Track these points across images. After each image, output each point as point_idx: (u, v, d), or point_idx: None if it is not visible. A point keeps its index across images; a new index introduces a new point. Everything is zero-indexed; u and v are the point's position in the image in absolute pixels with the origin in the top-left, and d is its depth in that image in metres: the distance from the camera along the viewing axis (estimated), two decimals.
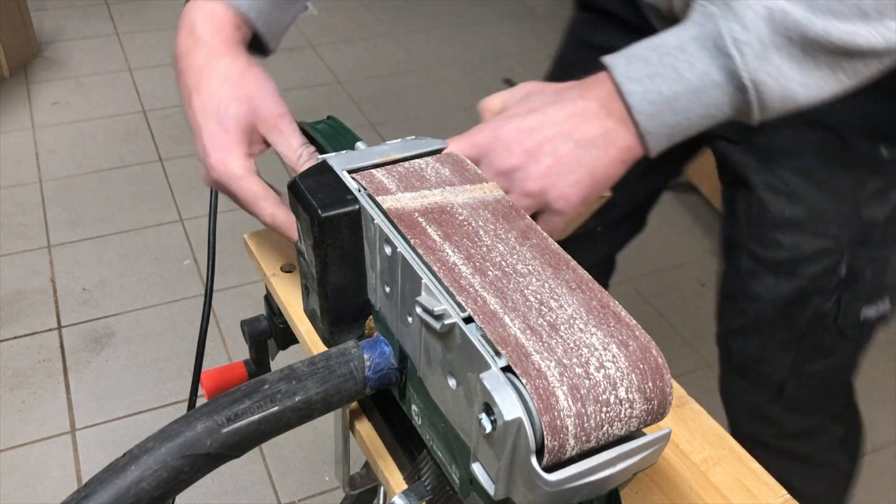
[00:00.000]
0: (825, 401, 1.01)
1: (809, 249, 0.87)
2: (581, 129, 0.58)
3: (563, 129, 0.57)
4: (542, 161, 0.57)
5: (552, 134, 0.57)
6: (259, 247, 0.80)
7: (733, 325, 0.98)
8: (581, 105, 0.58)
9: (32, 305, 1.91)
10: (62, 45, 2.97)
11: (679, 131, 0.58)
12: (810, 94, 0.58)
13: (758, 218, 0.89)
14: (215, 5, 0.66)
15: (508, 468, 0.39)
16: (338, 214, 0.50)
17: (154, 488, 0.42)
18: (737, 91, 0.56)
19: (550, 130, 0.58)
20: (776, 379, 0.97)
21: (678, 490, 0.60)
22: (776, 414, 1.01)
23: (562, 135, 0.57)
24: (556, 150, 0.57)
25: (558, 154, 0.57)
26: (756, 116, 0.58)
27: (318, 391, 0.47)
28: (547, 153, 0.57)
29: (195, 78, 0.64)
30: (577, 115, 0.58)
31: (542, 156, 0.57)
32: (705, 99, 0.57)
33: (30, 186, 2.28)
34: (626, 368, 0.40)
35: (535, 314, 0.42)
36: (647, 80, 0.57)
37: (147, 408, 1.69)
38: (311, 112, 2.61)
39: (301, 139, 0.64)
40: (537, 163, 0.57)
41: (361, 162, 0.55)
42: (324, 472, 1.59)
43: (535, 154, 0.57)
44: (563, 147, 0.57)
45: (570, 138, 0.57)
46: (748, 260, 0.92)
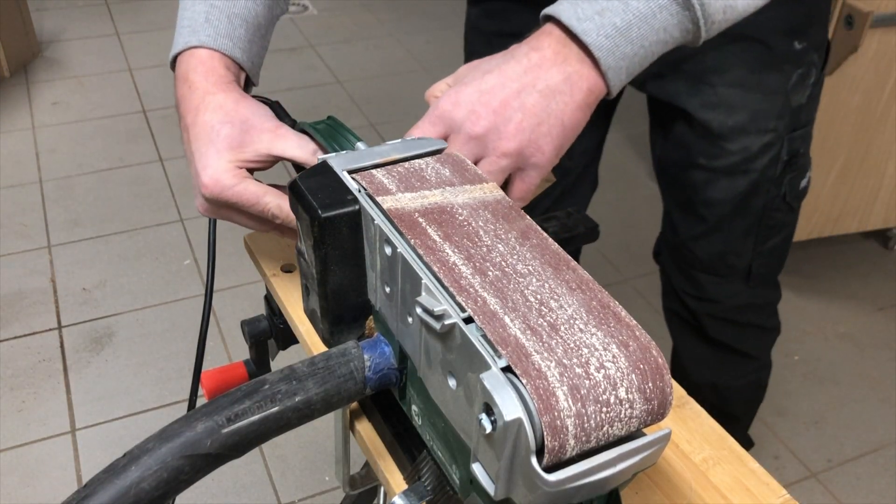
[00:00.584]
0: (781, 268, 1.19)
1: (756, 146, 1.00)
2: (543, 79, 0.57)
3: (525, 81, 0.57)
4: (512, 118, 0.56)
5: (515, 88, 0.57)
6: (259, 247, 0.80)
7: (695, 231, 1.12)
8: (536, 56, 0.57)
9: (32, 305, 1.91)
10: (62, 45, 2.97)
11: (636, 62, 0.59)
12: (748, 1, 0.60)
13: (703, 135, 1.01)
14: (202, 52, 0.67)
15: (508, 468, 0.39)
16: (338, 215, 0.50)
17: (154, 489, 0.42)
18: (683, 10, 0.58)
19: (512, 85, 0.57)
20: (741, 266, 1.13)
21: (678, 490, 0.60)
22: (742, 293, 1.17)
23: (525, 88, 0.57)
24: (523, 104, 0.56)
25: (526, 107, 0.56)
26: (703, 34, 0.59)
27: (319, 391, 0.47)
28: (515, 109, 0.56)
29: (191, 116, 0.64)
30: (535, 66, 0.57)
31: (511, 112, 0.56)
32: (655, 23, 0.58)
33: (30, 186, 2.28)
34: (626, 369, 0.40)
35: (536, 314, 0.42)
36: (597, 17, 0.57)
37: (147, 408, 1.69)
38: (311, 112, 2.61)
39: (309, 140, 0.64)
40: (507, 120, 0.56)
41: (361, 162, 0.55)
42: (324, 472, 1.59)
43: (503, 112, 0.56)
44: (529, 99, 0.56)
45: (534, 89, 0.56)
46: (701, 172, 1.04)
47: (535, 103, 0.57)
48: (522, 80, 0.57)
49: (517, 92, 0.56)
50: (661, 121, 1.08)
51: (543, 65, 0.57)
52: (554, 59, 0.57)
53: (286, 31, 3.18)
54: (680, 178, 1.09)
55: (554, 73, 0.57)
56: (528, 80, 0.57)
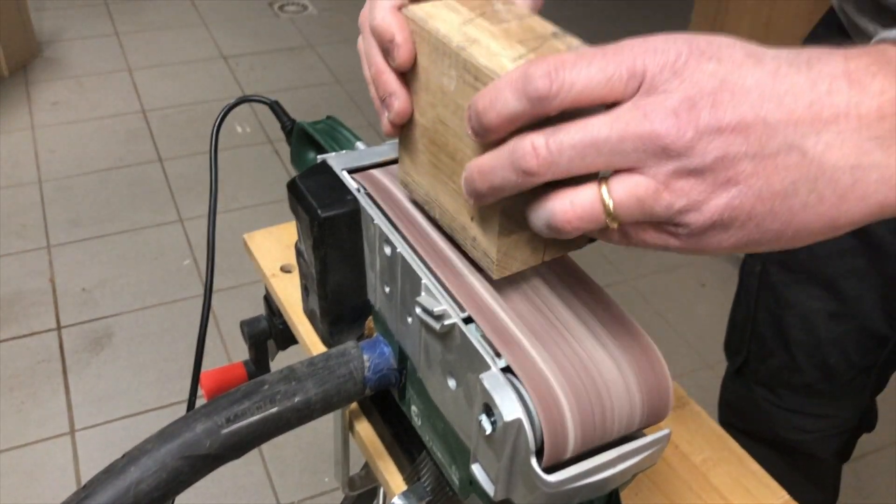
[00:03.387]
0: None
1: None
2: (826, 141, 0.32)
3: (807, 116, 0.32)
4: (776, 155, 0.32)
5: (789, 117, 0.32)
6: (259, 247, 0.79)
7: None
8: (844, 97, 0.32)
9: (32, 306, 1.91)
10: (62, 45, 2.97)
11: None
12: None
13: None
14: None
15: (508, 469, 0.39)
16: (337, 214, 0.50)
17: (153, 489, 0.42)
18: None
19: (780, 114, 0.32)
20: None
21: (678, 491, 0.60)
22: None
23: (802, 126, 0.32)
24: (796, 146, 0.32)
25: (793, 157, 0.32)
26: None
27: (318, 392, 0.47)
28: (780, 145, 0.32)
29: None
30: (829, 110, 0.32)
31: (774, 145, 0.32)
32: None
33: (29, 186, 2.27)
34: (626, 369, 0.40)
35: (536, 314, 0.42)
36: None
37: (146, 408, 1.68)
38: (311, 112, 2.61)
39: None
40: (764, 155, 0.32)
41: (361, 162, 0.55)
42: (323, 472, 1.59)
43: (763, 135, 0.32)
44: (805, 147, 0.32)
45: (813, 139, 0.32)
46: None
47: (804, 162, 0.32)
48: (801, 115, 0.32)
49: (791, 124, 0.32)
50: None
51: (844, 121, 0.32)
52: (871, 120, 0.32)
53: (286, 31, 3.17)
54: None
55: (850, 145, 0.32)
56: (807, 120, 0.32)
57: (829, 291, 0.92)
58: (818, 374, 0.99)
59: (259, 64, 2.93)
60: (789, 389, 1.02)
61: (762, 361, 1.04)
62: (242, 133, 2.51)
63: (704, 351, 1.90)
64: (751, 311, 1.03)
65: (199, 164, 2.37)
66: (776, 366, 1.02)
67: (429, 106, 0.43)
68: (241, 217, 2.17)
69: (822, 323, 0.95)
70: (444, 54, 0.40)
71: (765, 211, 0.33)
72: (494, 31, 0.41)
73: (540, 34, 0.40)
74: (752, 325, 1.03)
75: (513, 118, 0.35)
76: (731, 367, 1.11)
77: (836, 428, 1.04)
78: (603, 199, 0.34)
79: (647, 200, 0.33)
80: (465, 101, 0.39)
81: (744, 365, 1.07)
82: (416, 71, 0.43)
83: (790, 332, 0.98)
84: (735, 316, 1.08)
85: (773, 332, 1.01)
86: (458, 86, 0.40)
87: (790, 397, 1.03)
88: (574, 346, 0.40)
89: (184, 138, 2.49)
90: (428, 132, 0.44)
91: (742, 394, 1.09)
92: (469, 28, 0.41)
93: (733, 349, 1.10)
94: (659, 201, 0.33)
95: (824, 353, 0.97)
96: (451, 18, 0.42)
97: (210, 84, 2.79)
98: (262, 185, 2.30)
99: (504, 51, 0.39)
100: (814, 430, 1.04)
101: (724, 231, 0.33)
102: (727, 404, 1.14)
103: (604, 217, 0.34)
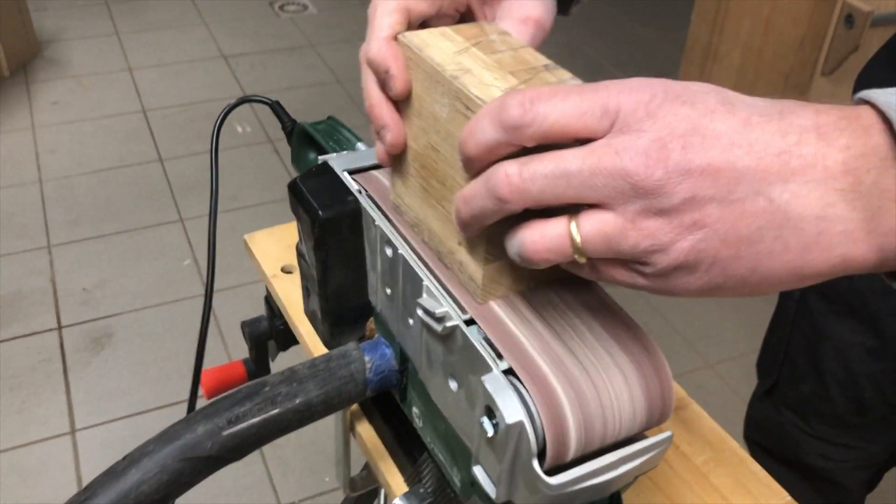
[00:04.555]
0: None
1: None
2: (793, 190, 0.32)
3: (774, 167, 0.32)
4: (735, 210, 0.33)
5: (756, 164, 0.33)
6: (259, 247, 0.79)
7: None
8: (812, 148, 0.32)
9: (32, 305, 1.91)
10: (62, 44, 2.97)
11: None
12: None
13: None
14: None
15: (510, 471, 0.39)
16: (338, 216, 0.50)
17: (154, 491, 0.42)
18: None
19: (749, 160, 0.33)
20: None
21: (679, 492, 0.60)
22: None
23: (769, 176, 0.32)
24: (755, 202, 0.33)
25: (754, 210, 0.33)
26: None
27: (319, 393, 0.47)
28: (745, 196, 0.33)
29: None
30: (797, 160, 0.32)
31: (741, 192, 0.33)
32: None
33: (30, 186, 2.27)
34: (628, 371, 0.40)
35: (537, 316, 0.42)
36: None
37: (147, 408, 1.68)
38: (311, 112, 2.61)
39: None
40: (729, 200, 0.33)
41: (362, 163, 0.54)
42: (324, 472, 1.59)
43: (728, 185, 0.32)
44: (772, 196, 0.32)
45: (763, 193, 0.32)
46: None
47: (770, 209, 0.33)
48: (766, 163, 0.32)
49: (759, 171, 0.32)
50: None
51: (811, 170, 0.32)
52: (837, 174, 0.32)
53: (286, 31, 3.17)
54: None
55: (815, 196, 0.32)
56: (778, 164, 0.32)
57: (869, 327, 0.92)
58: (850, 407, 0.98)
59: (259, 64, 2.93)
60: (819, 418, 1.02)
61: (793, 387, 1.03)
62: (243, 133, 2.51)
63: (705, 351, 1.90)
64: (785, 335, 1.03)
65: (200, 164, 2.37)
66: (807, 393, 1.01)
67: (421, 132, 0.44)
68: (241, 217, 2.17)
69: (859, 357, 0.94)
70: (437, 82, 0.41)
71: (730, 256, 0.33)
72: (488, 61, 0.41)
73: (532, 66, 0.41)
74: (786, 350, 1.03)
75: (490, 147, 0.36)
76: (761, 387, 1.10)
77: (865, 460, 1.03)
78: (571, 234, 0.35)
79: (613, 237, 0.34)
80: (457, 129, 0.40)
81: (774, 387, 1.07)
82: (411, 97, 0.44)
83: (824, 361, 0.97)
84: (770, 337, 1.08)
85: (807, 359, 1.00)
86: (449, 114, 0.41)
87: (819, 426, 1.02)
88: (575, 348, 0.40)
89: (184, 138, 2.49)
90: (420, 157, 0.45)
91: (770, 415, 1.08)
92: (463, 57, 0.41)
93: (765, 370, 1.09)
94: (625, 239, 0.34)
95: (859, 387, 0.96)
96: (446, 47, 0.43)
97: (210, 84, 2.79)
98: (263, 185, 2.30)
99: (496, 81, 0.39)
100: (841, 460, 1.03)
101: (689, 273, 0.34)
102: (754, 423, 1.13)
103: (571, 251, 0.35)
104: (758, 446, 1.11)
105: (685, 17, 2.49)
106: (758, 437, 1.12)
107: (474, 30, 0.45)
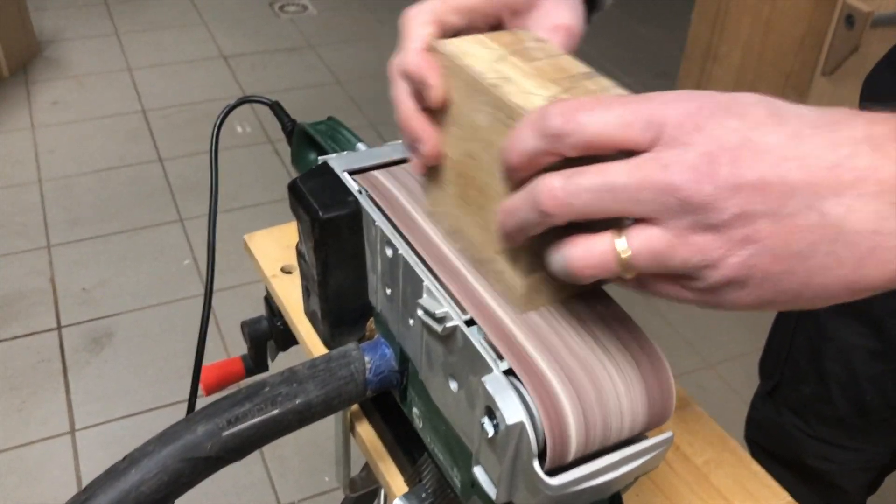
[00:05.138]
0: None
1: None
2: (846, 204, 0.32)
3: (824, 182, 0.32)
4: (787, 225, 0.32)
5: (806, 180, 0.32)
6: (259, 248, 0.79)
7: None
8: (866, 160, 0.31)
9: (32, 305, 1.91)
10: (62, 44, 2.97)
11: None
12: None
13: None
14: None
15: (510, 472, 0.39)
16: (338, 216, 0.50)
17: (154, 491, 0.42)
18: None
19: (801, 174, 0.32)
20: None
21: (679, 493, 0.60)
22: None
23: (819, 192, 0.32)
24: (807, 216, 0.32)
25: (806, 225, 0.32)
26: None
27: (319, 394, 0.47)
28: (797, 211, 0.32)
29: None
30: (850, 173, 0.32)
31: (793, 216, 0.32)
32: None
33: (29, 186, 2.27)
34: (629, 371, 0.40)
35: (538, 316, 0.42)
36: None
37: (146, 408, 1.68)
38: (311, 112, 2.61)
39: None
40: (781, 215, 0.32)
41: (362, 163, 0.54)
42: (323, 472, 1.59)
43: (780, 205, 0.32)
44: (811, 218, 0.32)
45: (815, 207, 0.32)
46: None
47: (822, 223, 0.32)
48: (820, 176, 0.32)
49: (811, 185, 0.32)
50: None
51: (862, 186, 0.31)
52: (888, 188, 0.31)
53: (286, 31, 3.17)
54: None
55: (869, 210, 0.31)
56: (831, 178, 0.32)
57: (873, 330, 0.92)
58: (851, 409, 0.98)
59: (259, 64, 2.93)
60: (820, 420, 1.02)
61: (794, 388, 1.03)
62: (242, 133, 2.51)
63: (705, 351, 1.90)
64: (788, 336, 1.03)
65: (199, 164, 2.37)
66: (808, 394, 1.01)
67: (459, 140, 0.43)
68: (241, 217, 2.17)
69: (861, 359, 0.94)
70: (477, 91, 0.40)
71: (782, 271, 0.32)
72: (527, 69, 0.41)
73: (572, 74, 0.40)
74: (788, 351, 1.03)
75: (531, 156, 0.36)
76: (763, 388, 1.10)
77: (866, 463, 1.03)
78: (617, 250, 0.34)
79: (663, 254, 0.33)
80: (497, 137, 0.39)
81: (775, 388, 1.07)
82: (447, 105, 0.44)
83: (826, 363, 0.97)
84: (772, 338, 1.08)
85: (809, 360, 1.00)
86: (490, 123, 0.40)
87: (820, 427, 1.02)
88: (576, 348, 0.40)
89: (184, 138, 2.49)
90: (457, 166, 0.44)
91: (771, 416, 1.08)
92: (502, 66, 0.41)
93: (767, 371, 1.09)
94: (675, 256, 0.33)
95: (860, 389, 0.96)
96: (484, 55, 0.42)
97: (210, 84, 2.79)
98: (263, 184, 2.30)
99: (537, 90, 0.39)
100: (842, 462, 1.03)
101: (740, 289, 0.33)
102: (755, 423, 1.13)
103: (618, 267, 0.34)
104: (759, 448, 1.10)
105: (685, 17, 2.49)
106: (759, 439, 1.11)
107: (510, 37, 0.45)
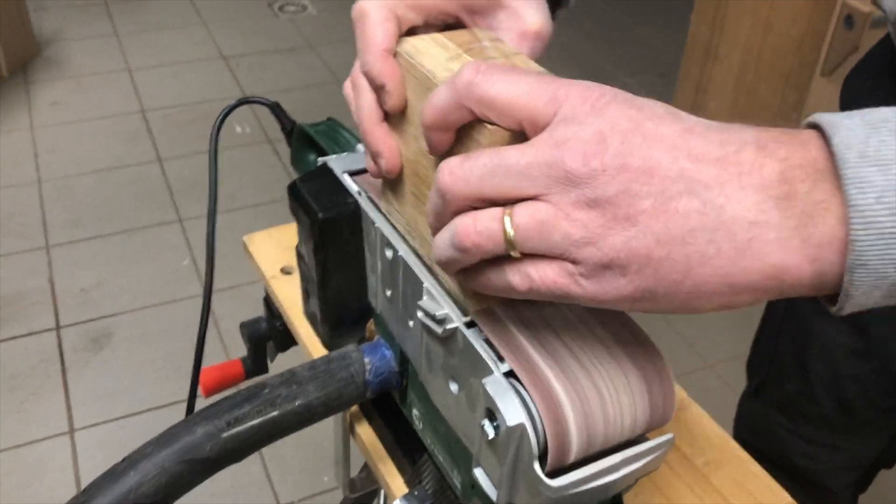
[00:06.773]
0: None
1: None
2: (727, 193, 0.32)
3: (708, 171, 0.33)
4: (669, 208, 0.33)
5: (691, 168, 0.33)
6: (258, 249, 0.79)
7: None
8: (750, 157, 0.33)
9: (31, 306, 1.90)
10: (62, 45, 2.96)
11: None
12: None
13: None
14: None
15: (511, 474, 0.39)
16: (338, 217, 0.50)
17: (154, 493, 0.42)
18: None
19: (686, 162, 0.33)
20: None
21: (680, 493, 0.60)
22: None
23: (702, 181, 0.33)
24: (689, 202, 0.33)
25: (687, 210, 0.32)
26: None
27: (319, 395, 0.47)
28: (679, 195, 0.33)
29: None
30: (735, 167, 0.33)
31: (676, 199, 0.33)
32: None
33: (29, 186, 2.27)
34: (629, 372, 0.40)
35: (538, 318, 0.42)
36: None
37: (146, 408, 1.68)
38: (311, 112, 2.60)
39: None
40: (667, 207, 0.33)
41: (362, 164, 0.54)
42: (323, 472, 1.59)
43: (663, 188, 0.33)
44: (692, 204, 0.32)
45: (698, 195, 0.32)
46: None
47: (704, 210, 0.32)
48: (711, 165, 0.33)
49: (696, 173, 0.33)
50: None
51: (748, 177, 0.32)
52: (773, 183, 0.32)
53: (286, 31, 3.17)
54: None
55: (750, 202, 0.32)
56: (716, 169, 0.33)
57: (855, 328, 0.92)
58: (835, 408, 0.98)
59: (259, 64, 2.93)
60: (805, 418, 1.02)
61: (779, 386, 1.04)
62: (242, 133, 2.51)
63: (705, 351, 1.89)
64: (774, 334, 1.03)
65: (199, 164, 2.37)
66: (792, 393, 1.01)
67: (413, 139, 0.44)
68: (240, 217, 2.17)
69: (844, 358, 0.94)
70: (428, 89, 0.41)
71: (662, 256, 0.33)
72: None
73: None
74: (774, 349, 1.03)
75: (443, 109, 0.37)
76: (750, 386, 1.11)
77: (852, 462, 1.03)
78: (503, 221, 0.35)
79: (546, 225, 0.34)
80: None
81: (761, 386, 1.07)
82: (404, 107, 0.44)
83: (810, 362, 0.98)
84: (759, 336, 1.08)
85: (793, 359, 1.00)
86: None
87: (805, 426, 1.02)
88: (577, 350, 0.40)
89: (184, 138, 2.49)
90: (411, 164, 0.45)
91: (758, 414, 1.09)
92: (454, 64, 0.42)
93: (753, 369, 1.10)
94: (557, 228, 0.33)
95: (843, 388, 0.96)
96: (438, 54, 0.43)
97: (210, 84, 2.79)
98: (262, 185, 2.29)
99: None
100: (827, 462, 1.03)
101: (621, 275, 0.33)
102: (743, 421, 1.14)
103: (503, 238, 0.35)
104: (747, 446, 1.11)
105: (685, 17, 2.49)
106: (746, 437, 1.12)
107: (467, 36, 0.45)
